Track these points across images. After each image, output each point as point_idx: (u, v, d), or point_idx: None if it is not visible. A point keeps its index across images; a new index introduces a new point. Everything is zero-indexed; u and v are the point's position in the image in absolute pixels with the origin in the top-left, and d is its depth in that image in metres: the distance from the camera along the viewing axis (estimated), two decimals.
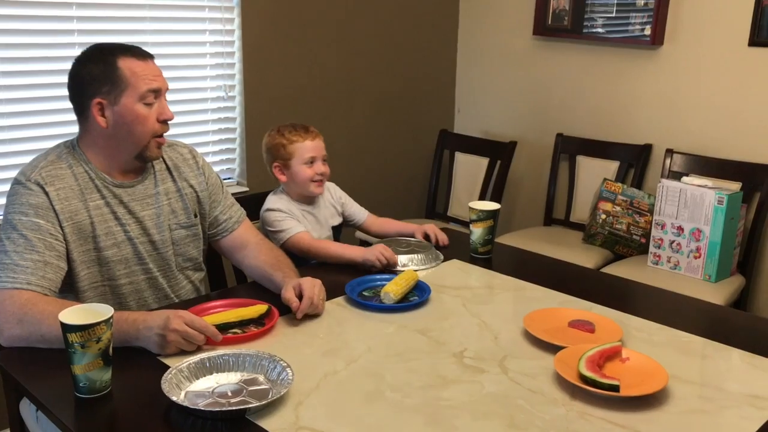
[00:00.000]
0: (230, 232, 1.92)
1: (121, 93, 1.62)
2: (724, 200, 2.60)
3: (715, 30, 2.95)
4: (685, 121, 3.09)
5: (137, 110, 1.63)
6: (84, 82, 1.63)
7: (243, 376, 1.35)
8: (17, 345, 1.49)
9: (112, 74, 1.61)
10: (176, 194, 1.80)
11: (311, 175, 2.11)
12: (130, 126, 1.64)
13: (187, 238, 1.82)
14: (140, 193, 1.73)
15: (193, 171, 1.86)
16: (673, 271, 2.76)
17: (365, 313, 1.69)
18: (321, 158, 2.13)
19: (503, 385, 1.37)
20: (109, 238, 1.67)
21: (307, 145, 2.11)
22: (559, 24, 3.39)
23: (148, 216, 1.73)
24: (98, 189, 1.67)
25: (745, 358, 1.51)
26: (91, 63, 1.63)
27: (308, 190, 2.13)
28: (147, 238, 1.73)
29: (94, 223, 1.65)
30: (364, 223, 2.29)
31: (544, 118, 3.55)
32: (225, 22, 2.93)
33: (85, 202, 1.64)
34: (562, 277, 1.99)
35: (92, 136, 1.67)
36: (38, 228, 1.57)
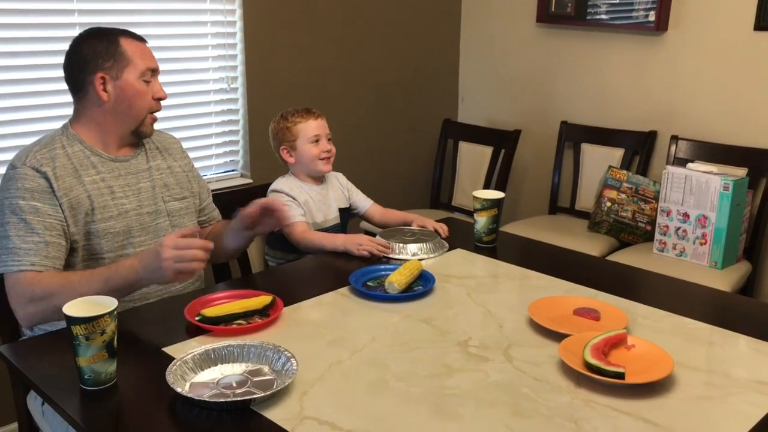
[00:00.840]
0: (213, 222, 2.01)
1: (123, 69, 1.72)
2: (729, 186, 2.59)
3: (720, 15, 2.92)
4: (690, 107, 3.07)
5: (137, 86, 1.74)
6: (86, 57, 1.71)
7: (248, 366, 1.35)
8: (36, 323, 1.64)
9: (115, 51, 1.71)
10: (167, 170, 1.88)
11: (317, 153, 2.17)
12: (130, 100, 1.74)
13: (182, 210, 1.89)
14: (134, 167, 1.81)
15: (180, 154, 1.96)
16: (678, 258, 2.75)
17: (369, 303, 1.69)
18: (325, 136, 2.19)
19: (508, 374, 1.36)
20: (107, 211, 1.72)
21: (311, 125, 2.17)
22: (563, 11, 3.37)
23: (144, 188, 1.81)
24: (94, 165, 1.74)
25: (751, 344, 1.51)
26: (93, 40, 1.72)
27: (317, 168, 2.19)
28: (143, 210, 1.79)
29: (91, 197, 1.71)
30: (367, 211, 2.31)
31: (548, 106, 3.53)
32: (226, 13, 2.92)
33: (80, 179, 1.70)
34: (566, 265, 1.99)
35: (90, 111, 1.74)
36: (36, 211, 1.63)
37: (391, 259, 1.95)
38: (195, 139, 2.90)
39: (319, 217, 2.18)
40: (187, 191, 1.91)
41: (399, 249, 1.99)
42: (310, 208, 2.17)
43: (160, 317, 1.62)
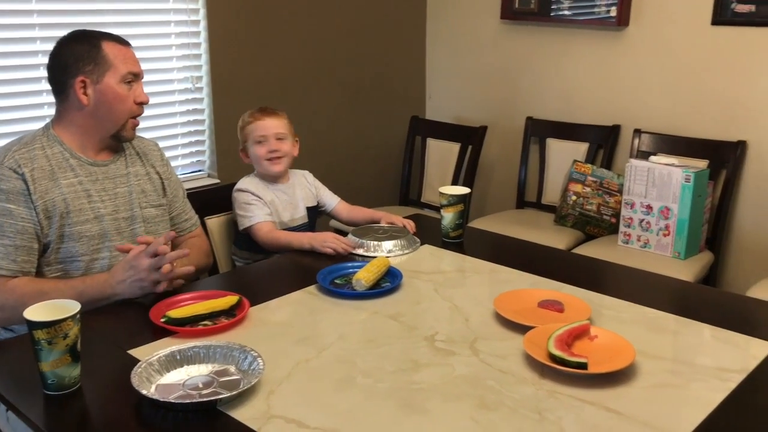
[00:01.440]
0: (184, 233, 2.00)
1: (104, 73, 1.72)
2: (691, 178, 2.64)
3: (678, 10, 2.97)
4: (652, 100, 3.13)
5: (118, 90, 1.74)
6: (68, 61, 1.71)
7: (214, 367, 1.35)
8: (2, 325, 1.69)
9: (96, 55, 1.72)
10: (145, 176, 1.88)
11: (263, 154, 2.15)
12: (110, 104, 1.74)
13: (158, 217, 1.89)
14: (113, 172, 1.81)
15: (158, 160, 1.95)
16: (643, 250, 2.80)
17: (337, 300, 1.69)
18: (274, 136, 2.16)
19: (474, 367, 1.38)
20: (82, 214, 1.72)
21: (259, 125, 2.16)
22: (526, 7, 3.40)
23: (121, 194, 1.81)
24: (72, 168, 1.73)
25: (712, 333, 1.54)
26: (75, 43, 1.73)
27: (265, 169, 2.18)
28: (119, 214, 1.79)
29: (67, 200, 1.70)
30: (334, 209, 2.31)
31: (514, 102, 3.56)
32: (190, 12, 2.90)
33: (56, 182, 1.70)
34: (532, 258, 2.01)
35: (71, 114, 1.74)
36: (9, 213, 1.63)
37: (365, 257, 1.95)
38: (161, 139, 2.87)
39: (285, 216, 2.18)
40: (164, 198, 1.91)
41: (374, 247, 1.99)
42: (277, 208, 2.16)
43: (126, 320, 1.61)
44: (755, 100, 2.85)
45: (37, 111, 2.54)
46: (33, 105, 2.53)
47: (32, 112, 2.53)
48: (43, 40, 2.52)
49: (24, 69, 2.50)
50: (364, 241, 2.01)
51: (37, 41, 2.51)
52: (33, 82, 2.52)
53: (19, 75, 2.50)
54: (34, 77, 2.52)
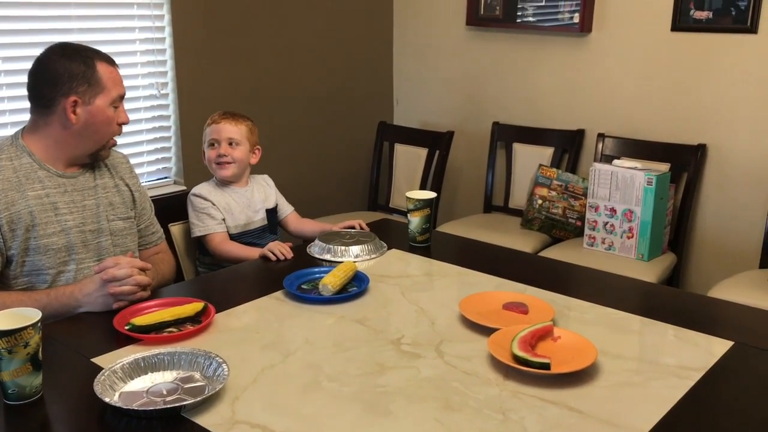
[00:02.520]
0: (150, 246, 1.99)
1: (96, 95, 1.71)
2: (653, 181, 2.69)
3: (639, 16, 3.04)
4: (615, 105, 3.18)
5: (107, 112, 1.74)
6: (60, 77, 1.68)
7: (179, 374, 1.34)
8: None
9: (91, 76, 1.70)
10: (114, 189, 1.86)
11: (212, 157, 2.18)
12: (98, 126, 1.73)
13: (125, 230, 1.87)
14: (81, 184, 1.79)
15: (128, 173, 1.94)
16: (607, 252, 2.84)
17: (304, 306, 1.70)
18: (225, 141, 2.17)
19: (439, 369, 1.39)
20: (49, 227, 1.70)
21: (214, 128, 2.19)
22: (491, 14, 3.44)
23: (89, 206, 1.79)
24: (40, 180, 1.71)
25: (673, 332, 1.57)
26: (70, 61, 1.69)
27: (213, 172, 2.20)
28: (86, 227, 1.77)
29: (33, 212, 1.68)
30: (286, 218, 2.33)
31: (480, 107, 3.60)
32: (155, 18, 2.88)
33: (23, 193, 1.67)
34: (497, 261, 2.03)
35: (51, 129, 1.72)
36: None
37: (332, 262, 1.95)
38: (127, 146, 2.85)
39: (242, 219, 2.19)
40: (132, 211, 1.90)
41: (341, 252, 2.00)
42: (233, 211, 2.17)
43: (89, 327, 1.59)
44: (714, 104, 2.92)
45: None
46: None
47: None
48: (3, 46, 2.48)
49: None
50: (331, 246, 2.02)
51: None
52: None
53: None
54: None
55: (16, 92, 2.52)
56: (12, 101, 2.53)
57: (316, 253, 2.02)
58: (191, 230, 2.16)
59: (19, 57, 2.52)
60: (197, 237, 2.14)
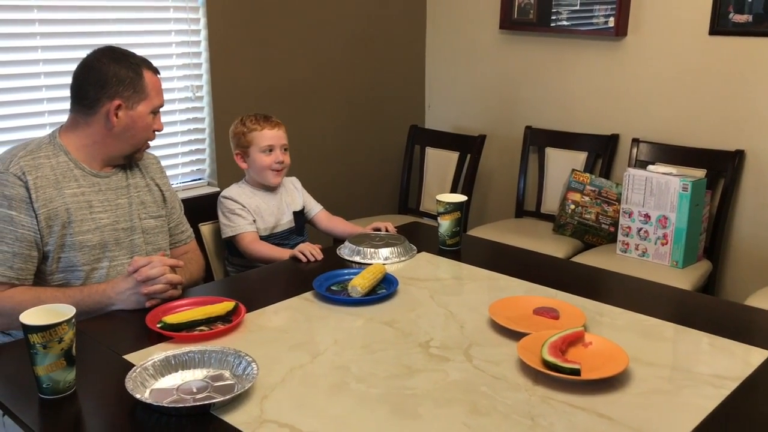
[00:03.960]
0: (179, 245, 2.01)
1: (140, 101, 1.77)
2: (688, 187, 2.65)
3: (676, 20, 2.99)
4: (650, 110, 3.14)
5: (147, 119, 1.80)
6: (108, 80, 1.73)
7: (209, 372, 1.36)
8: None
9: (138, 83, 1.76)
10: (145, 188, 1.90)
11: (269, 164, 2.18)
12: (136, 131, 1.79)
13: (156, 228, 1.91)
14: (114, 183, 1.83)
15: (158, 173, 1.98)
16: (641, 259, 2.80)
17: (333, 307, 1.70)
18: (280, 147, 2.19)
19: (467, 373, 1.38)
20: (84, 224, 1.74)
21: (266, 134, 2.17)
22: (525, 18, 3.42)
23: (121, 205, 1.83)
24: (76, 178, 1.76)
25: (708, 340, 1.54)
26: (119, 66, 1.75)
27: (266, 179, 2.20)
28: (119, 225, 1.81)
29: (69, 209, 1.72)
30: (315, 216, 2.34)
31: (513, 112, 3.58)
32: (190, 22, 2.92)
33: (60, 191, 1.72)
34: (528, 266, 2.02)
35: (92, 129, 1.76)
36: (10, 220, 1.65)
37: (362, 264, 1.95)
38: (161, 148, 2.90)
39: (271, 221, 2.21)
40: (163, 209, 1.93)
41: (371, 254, 2.00)
42: (262, 213, 2.19)
43: (122, 325, 1.62)
44: (753, 109, 2.86)
45: (38, 119, 2.56)
46: (34, 113, 2.55)
47: (34, 120, 2.55)
48: (43, 48, 2.54)
49: (25, 77, 2.52)
50: (360, 248, 2.02)
51: (39, 50, 2.53)
52: (34, 90, 2.54)
53: (20, 83, 2.51)
54: (35, 86, 2.54)
55: (56, 93, 2.58)
56: (51, 102, 2.59)
57: (346, 254, 2.03)
58: (222, 231, 2.18)
59: (58, 59, 2.57)
60: (228, 238, 2.16)
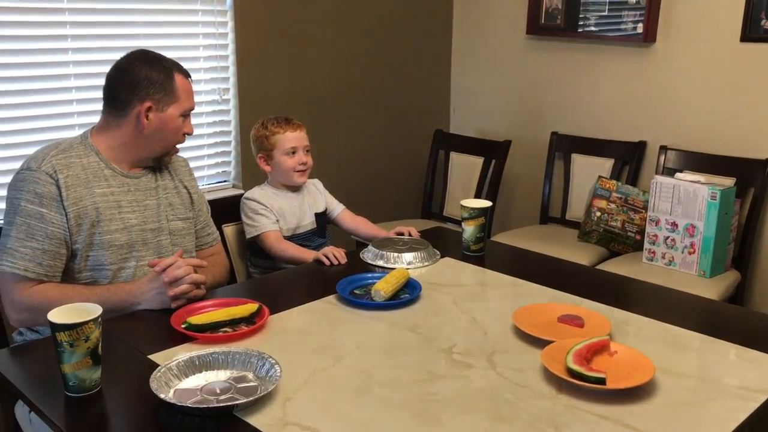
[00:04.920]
0: (205, 247, 2.03)
1: (170, 104, 1.79)
2: (717, 195, 2.61)
3: (707, 26, 2.95)
4: (679, 117, 3.10)
5: (176, 122, 1.81)
6: (140, 82, 1.76)
7: (232, 373, 1.36)
8: (25, 326, 1.76)
9: (169, 85, 1.78)
10: (174, 190, 1.92)
11: (293, 165, 2.20)
12: (166, 133, 1.81)
13: (184, 230, 1.92)
14: (144, 185, 1.85)
15: (187, 176, 2.00)
16: (667, 267, 2.77)
17: (356, 311, 1.70)
18: (302, 149, 2.21)
19: (491, 380, 1.37)
20: (112, 224, 1.76)
21: (288, 136, 2.20)
22: (552, 23, 3.40)
23: (150, 206, 1.85)
24: (106, 178, 1.78)
25: (736, 351, 1.51)
26: (150, 68, 1.77)
27: (291, 180, 2.22)
28: (147, 226, 1.83)
29: (99, 208, 1.75)
30: (338, 216, 2.35)
31: (539, 117, 3.55)
32: (218, 25, 2.95)
33: (90, 190, 1.74)
34: (553, 273, 2.00)
35: (123, 130, 1.79)
36: (41, 217, 1.68)
37: (385, 268, 1.95)
38: (187, 150, 2.91)
39: (293, 222, 2.22)
40: (191, 212, 1.95)
41: (394, 259, 2.00)
42: (284, 214, 2.21)
43: (147, 325, 1.63)
44: None
45: (68, 120, 2.60)
46: (64, 114, 2.59)
47: (63, 120, 2.59)
48: (74, 50, 2.58)
49: (56, 79, 2.56)
50: (384, 252, 2.02)
51: (69, 52, 2.57)
52: (64, 92, 2.58)
53: (51, 85, 2.55)
54: (65, 87, 2.58)
55: (86, 95, 2.61)
56: (81, 104, 2.62)
57: (369, 258, 2.03)
58: (246, 232, 2.19)
59: (88, 61, 2.60)
60: (252, 238, 2.17)
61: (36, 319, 1.68)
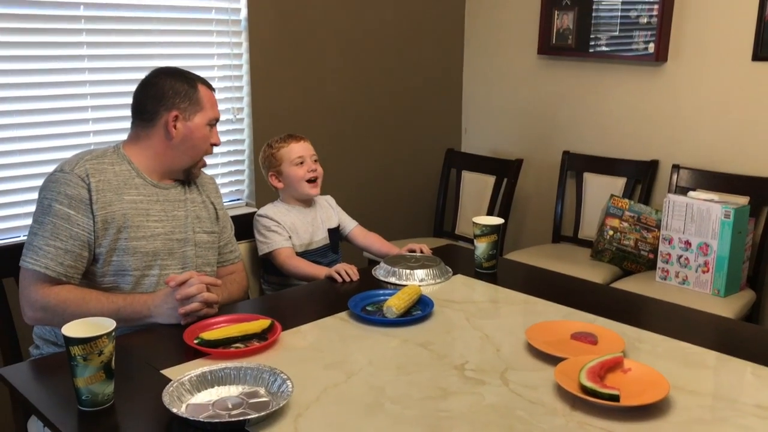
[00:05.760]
0: (227, 264, 2.04)
1: (196, 113, 1.84)
2: (730, 214, 2.59)
3: (718, 45, 2.96)
4: (691, 136, 3.09)
5: (204, 130, 1.86)
6: (166, 93, 1.82)
7: (244, 389, 1.36)
8: (39, 324, 1.79)
9: (193, 95, 1.84)
10: (201, 204, 1.96)
11: (303, 174, 2.22)
12: (194, 141, 1.85)
13: (208, 243, 1.95)
14: (173, 196, 1.89)
15: (214, 193, 2.04)
16: (681, 286, 2.75)
17: (368, 327, 1.70)
18: (310, 157, 2.24)
19: (504, 397, 1.36)
20: (139, 231, 1.79)
21: (294, 147, 2.23)
22: (564, 43, 3.41)
23: (178, 217, 1.88)
24: (136, 186, 1.82)
25: (751, 369, 1.50)
26: (174, 80, 1.84)
27: (304, 191, 2.23)
28: (174, 236, 1.85)
29: (127, 215, 1.78)
30: (351, 232, 2.36)
31: (551, 136, 3.56)
32: (233, 45, 2.98)
33: (120, 196, 1.78)
34: (566, 291, 1.99)
35: (152, 141, 1.84)
36: (68, 218, 1.71)
37: (397, 285, 1.95)
38: None
39: (306, 238, 2.23)
40: (216, 227, 1.98)
41: (406, 275, 2.00)
42: (297, 230, 2.21)
43: (160, 339, 1.63)
44: None
45: (83, 139, 2.63)
46: (79, 133, 2.62)
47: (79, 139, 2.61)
48: (90, 70, 2.61)
49: (72, 98, 2.59)
50: (396, 269, 2.02)
51: (86, 72, 2.60)
52: (80, 111, 2.61)
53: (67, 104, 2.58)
54: (81, 106, 2.61)
55: (101, 114, 2.64)
56: (96, 123, 2.65)
57: (381, 275, 2.03)
58: (258, 249, 2.20)
59: (104, 81, 2.64)
60: (264, 254, 2.18)
61: (51, 319, 1.70)
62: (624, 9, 3.18)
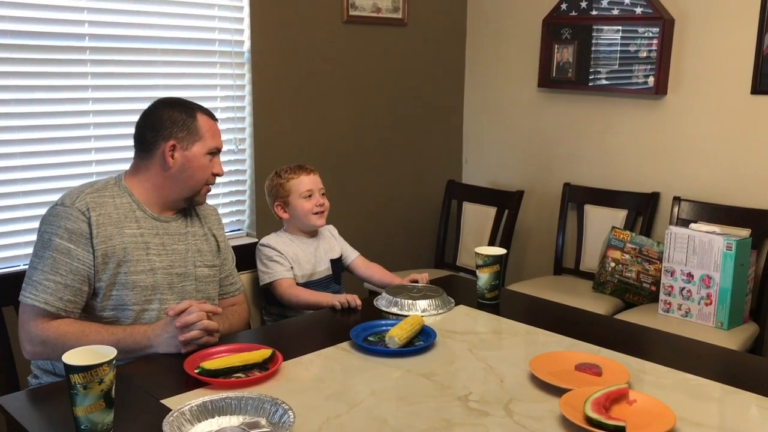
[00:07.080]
0: (228, 296, 2.03)
1: (194, 142, 1.82)
2: (732, 246, 2.59)
3: (717, 79, 2.99)
4: (692, 168, 3.11)
5: (202, 160, 1.84)
6: (163, 123, 1.81)
7: (245, 419, 1.35)
8: (39, 359, 1.76)
9: (191, 124, 1.82)
10: (203, 237, 1.94)
11: (311, 208, 2.21)
12: (192, 171, 1.83)
13: (209, 277, 1.93)
14: (174, 229, 1.87)
15: (216, 224, 2.02)
16: (684, 319, 2.73)
17: (370, 357, 1.68)
18: (318, 191, 2.24)
19: (508, 428, 1.35)
20: (139, 265, 1.78)
21: (303, 180, 2.22)
22: (563, 76, 3.45)
23: (178, 250, 1.86)
24: (137, 219, 1.81)
25: (757, 402, 1.49)
26: (172, 109, 1.83)
27: (310, 223, 2.23)
28: (174, 270, 1.84)
29: (127, 249, 1.76)
30: (353, 262, 2.35)
31: (551, 168, 3.57)
32: (236, 77, 3.01)
33: (120, 230, 1.77)
34: (569, 322, 1.98)
35: (151, 172, 1.83)
36: (68, 252, 1.70)
37: (399, 315, 1.94)
38: None
39: (308, 269, 2.22)
40: (217, 259, 1.97)
41: (408, 306, 1.99)
42: (300, 260, 2.21)
43: (160, 369, 1.62)
44: None
45: (86, 168, 2.64)
46: (82, 162, 2.63)
47: (81, 169, 2.62)
48: (95, 101, 2.63)
49: (75, 128, 2.61)
50: (398, 299, 2.01)
51: (90, 101, 2.62)
52: (83, 141, 2.63)
53: (70, 134, 2.60)
54: (84, 136, 2.62)
55: (104, 144, 2.66)
56: (99, 153, 2.66)
57: (383, 305, 2.02)
58: (260, 279, 2.19)
59: (108, 111, 2.66)
60: (265, 285, 2.17)
61: (50, 353, 1.69)
62: (623, 43, 3.21)
